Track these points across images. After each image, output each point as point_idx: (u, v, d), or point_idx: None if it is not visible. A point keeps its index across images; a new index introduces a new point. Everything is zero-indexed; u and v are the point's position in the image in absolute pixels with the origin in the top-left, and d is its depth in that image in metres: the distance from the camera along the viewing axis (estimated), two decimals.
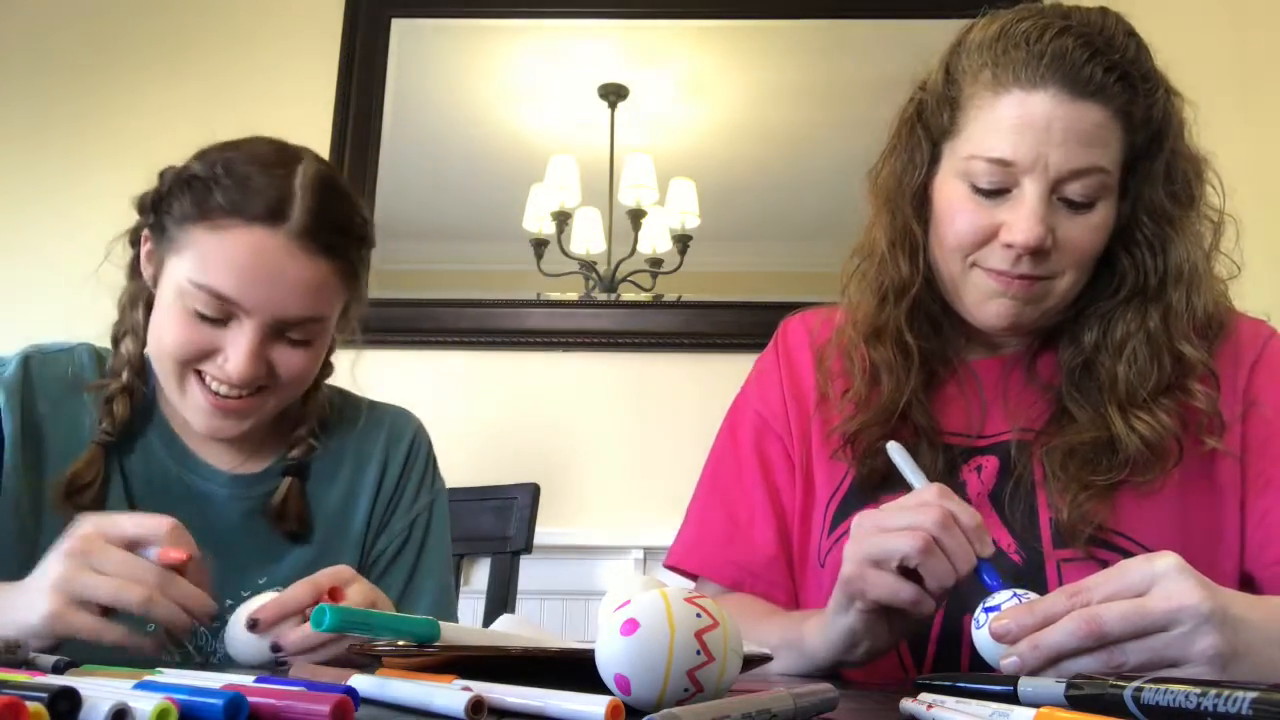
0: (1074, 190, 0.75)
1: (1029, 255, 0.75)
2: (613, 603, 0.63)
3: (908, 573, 0.63)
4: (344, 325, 0.95)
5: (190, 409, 0.87)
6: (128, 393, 0.89)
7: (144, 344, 0.91)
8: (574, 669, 0.50)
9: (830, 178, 1.84)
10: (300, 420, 0.96)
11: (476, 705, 0.39)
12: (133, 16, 2.19)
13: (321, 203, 0.86)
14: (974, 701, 0.42)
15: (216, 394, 0.85)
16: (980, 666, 0.60)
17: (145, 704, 0.34)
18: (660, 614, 0.41)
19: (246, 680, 0.43)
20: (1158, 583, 0.54)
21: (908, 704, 0.43)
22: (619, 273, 2.01)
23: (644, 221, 2.02)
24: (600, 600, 0.93)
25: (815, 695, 0.40)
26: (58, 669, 0.51)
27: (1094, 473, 0.76)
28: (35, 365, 0.91)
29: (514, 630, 0.71)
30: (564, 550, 1.78)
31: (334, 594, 0.74)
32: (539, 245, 2.01)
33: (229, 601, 0.87)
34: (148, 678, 0.43)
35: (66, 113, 2.13)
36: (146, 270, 0.91)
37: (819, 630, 0.70)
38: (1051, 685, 0.45)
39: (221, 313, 0.83)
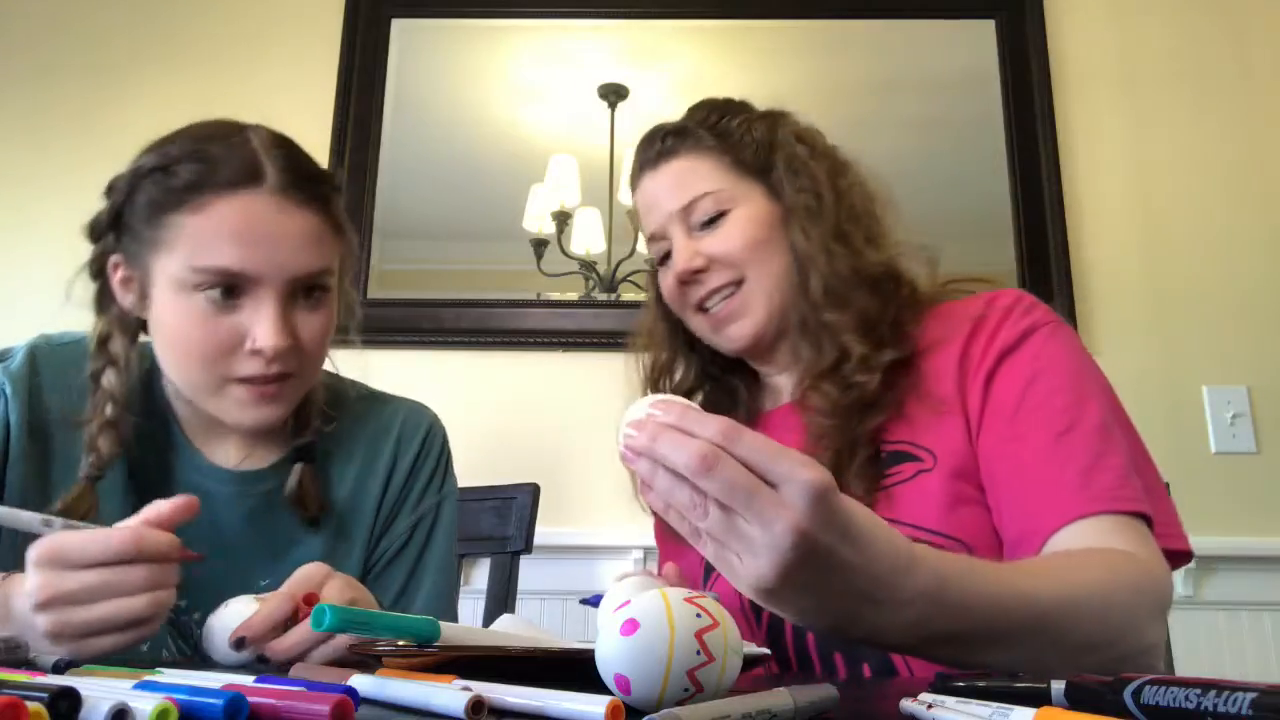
0: (697, 215, 0.91)
1: (692, 278, 0.92)
2: (613, 603, 0.63)
3: None
4: (343, 293, 0.93)
5: (231, 409, 0.85)
6: (113, 427, 0.85)
7: (129, 374, 0.88)
8: (574, 669, 0.50)
9: None
10: (304, 409, 0.94)
11: (476, 705, 0.38)
12: (132, 16, 2.19)
13: (289, 157, 0.85)
14: (974, 701, 0.41)
15: (253, 383, 0.83)
16: None
17: (145, 704, 0.34)
18: (660, 614, 0.41)
19: (247, 680, 0.43)
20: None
21: (908, 704, 0.43)
22: (619, 273, 2.01)
23: None
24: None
25: (815, 695, 0.40)
26: (58, 669, 0.51)
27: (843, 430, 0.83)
28: (42, 355, 0.89)
29: (514, 630, 0.71)
30: (564, 550, 1.78)
31: (309, 599, 0.72)
32: (539, 245, 2.01)
33: (262, 586, 0.88)
34: (148, 678, 0.43)
35: (66, 113, 2.13)
36: (125, 297, 0.88)
37: None
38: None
39: (234, 291, 0.81)
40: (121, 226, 0.87)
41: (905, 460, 0.82)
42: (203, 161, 0.82)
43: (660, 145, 0.95)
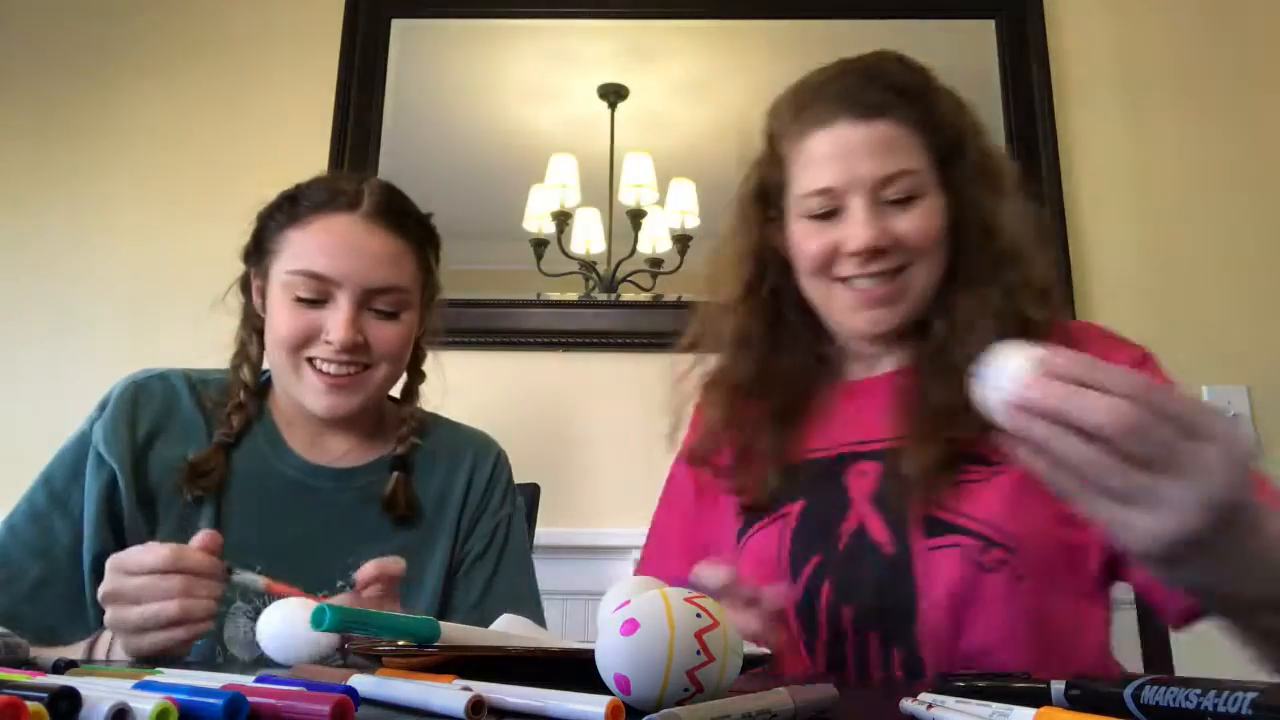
0: (891, 193, 0.87)
1: (871, 256, 0.87)
2: (612, 602, 0.63)
3: None
4: (426, 321, 1.10)
5: (307, 393, 1.00)
6: (242, 409, 1.04)
7: (258, 368, 1.07)
8: (574, 669, 0.50)
9: None
10: (401, 422, 1.10)
11: (476, 705, 0.38)
12: (132, 17, 2.19)
13: (387, 193, 1.04)
14: (974, 701, 0.41)
15: (326, 373, 0.99)
16: None
17: (145, 704, 0.34)
18: (660, 614, 0.41)
19: (246, 680, 0.43)
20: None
21: (908, 704, 0.43)
22: (619, 273, 2.01)
23: (644, 221, 2.01)
24: (600, 600, 0.94)
25: (815, 695, 0.40)
26: (58, 668, 0.51)
27: (950, 429, 0.82)
28: (132, 395, 1.02)
29: (514, 630, 0.72)
30: (564, 550, 1.78)
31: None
32: (539, 245, 2.01)
33: (339, 583, 1.00)
34: (148, 678, 0.43)
35: (67, 114, 2.13)
36: (257, 302, 1.06)
37: None
38: None
39: (319, 293, 0.98)
40: (259, 248, 1.05)
41: (979, 462, 0.83)
42: (321, 193, 1.02)
43: (877, 96, 0.88)
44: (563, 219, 2.02)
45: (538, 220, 2.02)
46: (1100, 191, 2.01)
